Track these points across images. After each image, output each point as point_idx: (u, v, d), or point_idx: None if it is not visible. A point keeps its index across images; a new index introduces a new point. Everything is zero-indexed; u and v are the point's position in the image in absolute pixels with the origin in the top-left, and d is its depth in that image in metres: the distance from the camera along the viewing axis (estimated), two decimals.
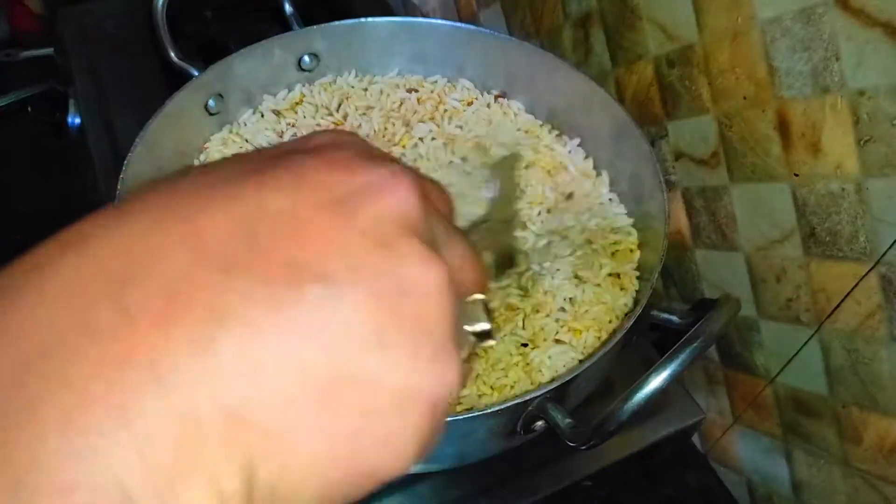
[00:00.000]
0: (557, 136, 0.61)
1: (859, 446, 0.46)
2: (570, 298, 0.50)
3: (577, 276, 0.51)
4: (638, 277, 0.52)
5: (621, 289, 0.51)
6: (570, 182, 0.58)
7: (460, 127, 0.59)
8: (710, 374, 0.58)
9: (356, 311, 0.16)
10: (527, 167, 0.58)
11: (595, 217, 0.56)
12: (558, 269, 0.51)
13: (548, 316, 0.49)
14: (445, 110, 0.61)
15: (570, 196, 0.57)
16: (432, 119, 0.60)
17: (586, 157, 0.59)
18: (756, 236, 0.49)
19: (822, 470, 0.50)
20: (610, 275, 0.52)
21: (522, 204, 0.55)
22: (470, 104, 0.61)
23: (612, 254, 0.53)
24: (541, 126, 0.61)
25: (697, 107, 0.51)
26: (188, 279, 0.15)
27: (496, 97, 0.62)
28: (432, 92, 0.62)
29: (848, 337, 0.44)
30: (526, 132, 0.60)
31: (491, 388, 0.46)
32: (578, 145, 0.59)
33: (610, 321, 0.49)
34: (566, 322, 0.49)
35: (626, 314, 0.50)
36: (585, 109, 0.57)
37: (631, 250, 0.54)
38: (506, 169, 0.51)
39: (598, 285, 0.51)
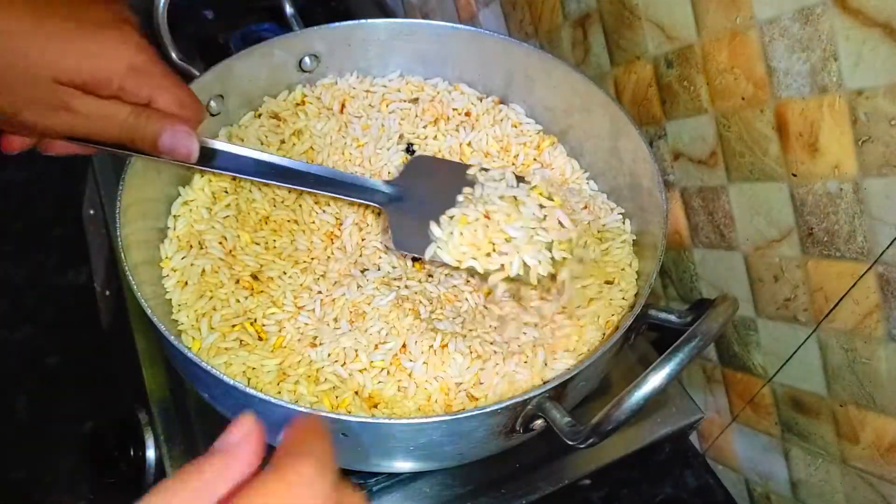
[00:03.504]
0: (551, 141, 0.61)
1: (857, 445, 0.46)
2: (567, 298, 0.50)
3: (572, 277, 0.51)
4: (636, 277, 0.52)
5: (620, 289, 0.51)
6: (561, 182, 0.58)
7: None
8: (709, 374, 0.58)
9: None
10: (520, 171, 0.59)
11: (587, 216, 0.56)
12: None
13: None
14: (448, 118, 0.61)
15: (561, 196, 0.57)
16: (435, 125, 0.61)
17: (576, 158, 0.60)
18: (754, 236, 0.49)
19: (819, 468, 0.50)
20: (605, 266, 0.52)
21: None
22: (468, 114, 0.62)
23: (605, 252, 0.53)
24: (537, 133, 0.61)
25: (696, 107, 0.51)
26: None
27: (495, 103, 0.63)
28: (432, 100, 0.62)
29: (846, 336, 0.45)
30: (524, 144, 0.60)
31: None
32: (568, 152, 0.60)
33: (607, 321, 0.50)
34: (564, 321, 0.49)
35: (623, 314, 0.50)
36: (584, 109, 0.57)
37: (624, 242, 0.54)
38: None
39: (593, 284, 0.51)
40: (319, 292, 0.50)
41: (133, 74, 0.41)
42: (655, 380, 0.38)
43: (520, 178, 0.53)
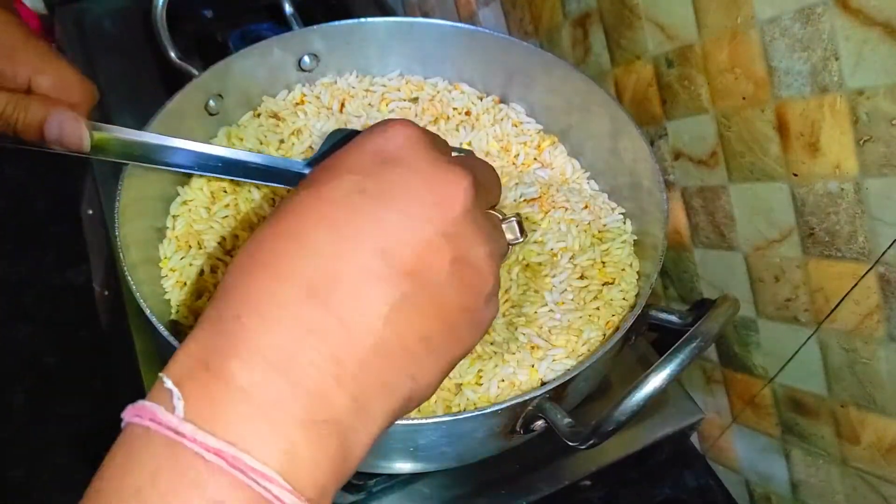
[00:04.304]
0: (552, 140, 0.61)
1: (857, 446, 0.46)
2: (564, 299, 0.50)
3: (579, 277, 0.51)
4: (636, 277, 0.52)
5: (620, 290, 0.51)
6: (559, 180, 0.58)
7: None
8: (709, 374, 0.58)
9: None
10: (521, 171, 0.59)
11: (588, 216, 0.56)
12: (555, 275, 0.51)
13: (543, 316, 0.49)
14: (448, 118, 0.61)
15: (559, 193, 0.57)
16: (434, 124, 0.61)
17: (576, 157, 0.60)
18: (754, 236, 0.49)
19: (820, 469, 0.50)
20: (605, 266, 0.52)
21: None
22: (468, 113, 0.61)
23: (605, 253, 0.53)
24: (538, 132, 0.61)
25: (696, 106, 0.51)
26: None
27: (495, 102, 0.62)
28: (432, 99, 0.62)
29: (846, 337, 0.44)
30: (524, 144, 0.60)
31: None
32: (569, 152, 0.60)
33: (608, 322, 0.49)
34: (566, 322, 0.49)
35: (624, 314, 0.50)
36: (584, 109, 0.57)
37: (625, 243, 0.54)
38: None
39: (592, 286, 0.51)
40: None
41: (3, 56, 0.38)
42: (656, 381, 0.38)
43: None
